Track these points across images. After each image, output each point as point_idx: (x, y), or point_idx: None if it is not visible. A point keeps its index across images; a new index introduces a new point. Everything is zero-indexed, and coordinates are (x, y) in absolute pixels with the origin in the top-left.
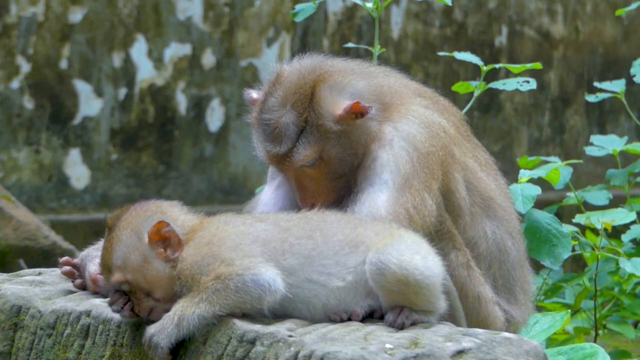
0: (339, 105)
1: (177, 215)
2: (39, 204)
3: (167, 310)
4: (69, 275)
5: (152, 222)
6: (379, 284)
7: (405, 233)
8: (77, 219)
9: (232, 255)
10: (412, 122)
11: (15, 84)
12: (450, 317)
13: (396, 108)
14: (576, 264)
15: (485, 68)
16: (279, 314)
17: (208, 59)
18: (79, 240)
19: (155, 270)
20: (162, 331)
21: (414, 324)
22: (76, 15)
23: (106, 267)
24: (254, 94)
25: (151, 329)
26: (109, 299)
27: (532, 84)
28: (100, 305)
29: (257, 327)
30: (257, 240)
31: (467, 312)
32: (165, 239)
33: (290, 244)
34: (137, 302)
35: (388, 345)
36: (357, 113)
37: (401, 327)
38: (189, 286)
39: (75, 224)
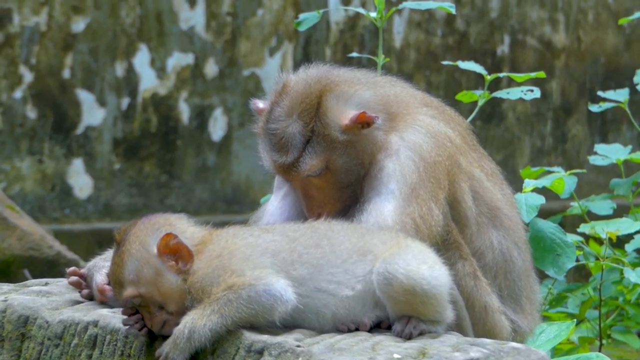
0: (346, 115)
1: (185, 227)
2: (42, 213)
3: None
4: (76, 286)
5: (160, 235)
6: (387, 294)
7: (412, 243)
8: (80, 229)
9: (243, 267)
10: (418, 131)
11: (18, 93)
12: (457, 327)
13: (402, 118)
14: (579, 273)
15: (489, 77)
16: (288, 325)
17: (211, 68)
18: (82, 249)
19: (168, 282)
20: (175, 347)
21: (421, 334)
22: (79, 24)
23: (117, 282)
24: (260, 104)
25: (165, 347)
26: (123, 317)
27: (536, 93)
28: (107, 316)
29: (265, 338)
30: (266, 252)
31: (473, 321)
32: (174, 252)
33: (299, 254)
34: (149, 316)
35: (396, 356)
36: (363, 123)
37: (409, 337)
38: (199, 299)
39: (78, 234)
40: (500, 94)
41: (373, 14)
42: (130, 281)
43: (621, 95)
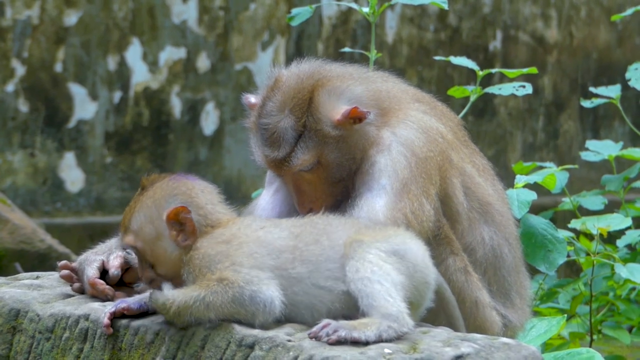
0: (337, 110)
1: (204, 203)
2: (34, 207)
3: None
4: (67, 279)
5: (175, 203)
6: None
7: (400, 232)
8: (71, 223)
9: (244, 261)
10: (410, 127)
11: (10, 87)
12: (450, 326)
13: (394, 113)
14: (570, 269)
15: (481, 73)
16: (282, 320)
17: (203, 62)
18: (73, 243)
19: (163, 249)
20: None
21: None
22: (71, 18)
23: (123, 225)
24: (252, 99)
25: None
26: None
27: (528, 89)
28: (98, 309)
29: (256, 332)
30: (272, 252)
31: (464, 316)
32: (181, 224)
33: (300, 251)
34: (141, 268)
35: (387, 350)
36: (355, 118)
37: None
38: (195, 275)
39: (69, 228)
40: (492, 89)
41: (365, 9)
42: (132, 231)
43: (613, 91)
